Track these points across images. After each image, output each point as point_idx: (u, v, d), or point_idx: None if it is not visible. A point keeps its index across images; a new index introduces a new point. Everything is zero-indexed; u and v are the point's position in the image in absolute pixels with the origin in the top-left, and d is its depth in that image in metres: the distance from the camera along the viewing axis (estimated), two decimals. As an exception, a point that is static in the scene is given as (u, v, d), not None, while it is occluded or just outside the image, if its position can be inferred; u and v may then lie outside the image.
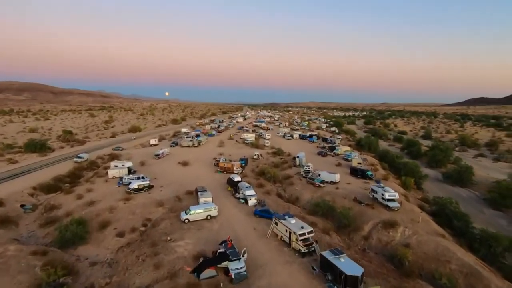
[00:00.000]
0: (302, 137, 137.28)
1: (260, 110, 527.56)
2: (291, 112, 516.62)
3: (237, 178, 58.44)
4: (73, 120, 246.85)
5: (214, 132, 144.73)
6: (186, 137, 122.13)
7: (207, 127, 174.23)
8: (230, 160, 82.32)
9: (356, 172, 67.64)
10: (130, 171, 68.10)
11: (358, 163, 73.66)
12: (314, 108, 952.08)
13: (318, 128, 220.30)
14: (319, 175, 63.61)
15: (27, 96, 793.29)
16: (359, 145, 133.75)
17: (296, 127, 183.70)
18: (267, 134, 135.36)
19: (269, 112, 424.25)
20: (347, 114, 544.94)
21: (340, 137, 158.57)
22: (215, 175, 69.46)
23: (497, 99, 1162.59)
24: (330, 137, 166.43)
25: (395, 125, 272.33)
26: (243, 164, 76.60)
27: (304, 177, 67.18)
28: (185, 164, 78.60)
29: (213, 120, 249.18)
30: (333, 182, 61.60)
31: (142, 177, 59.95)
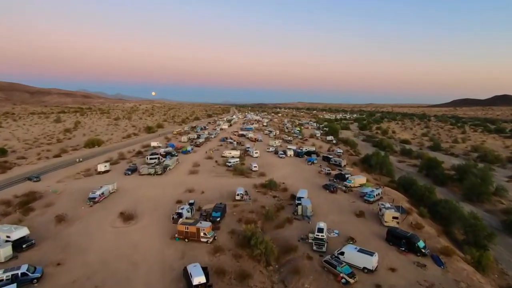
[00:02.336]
0: (297, 154, 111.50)
1: (248, 112, 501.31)
2: (280, 115, 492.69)
3: (198, 278, 31.47)
4: (31, 127, 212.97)
5: (189, 148, 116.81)
6: (151, 158, 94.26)
7: (184, 138, 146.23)
8: (199, 209, 55.47)
9: (397, 240, 41.94)
10: (21, 245, 40.17)
11: (394, 218, 48.16)
12: (302, 109, 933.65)
13: (312, 136, 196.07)
14: (343, 252, 37.71)
15: (1, 96, 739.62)
16: (368, 164, 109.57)
17: (288, 138, 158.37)
18: (254, 151, 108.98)
19: (257, 115, 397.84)
20: (337, 116, 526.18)
21: (341, 150, 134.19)
22: (169, 249, 42.16)
23: (481, 100, 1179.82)
24: (330, 149, 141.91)
25: (394, 132, 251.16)
26: (219, 218, 49.91)
27: (315, 250, 41.13)
28: (128, 218, 50.95)
29: (194, 127, 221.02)
30: (367, 269, 35.83)
31: (16, 278, 32.17)
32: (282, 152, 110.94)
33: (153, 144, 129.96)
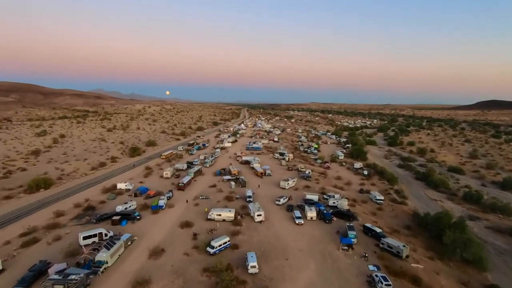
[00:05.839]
0: (322, 216, 73.04)
1: (259, 118, 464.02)
2: (293, 120, 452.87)
3: None
4: (2, 144, 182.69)
5: (162, 201, 79.35)
6: (84, 237, 58.09)
7: (167, 172, 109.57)
8: None
9: None
10: None
11: None
12: (317, 111, 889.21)
13: (333, 159, 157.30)
14: None
15: (15, 98, 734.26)
16: (432, 235, 70.04)
17: (306, 171, 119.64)
18: (257, 213, 71.11)
19: (268, 123, 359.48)
20: (356, 122, 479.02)
21: (382, 197, 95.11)
22: None
23: (511, 102, 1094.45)
24: (362, 189, 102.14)
25: (432, 150, 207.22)
26: None
27: None
28: None
29: (192, 144, 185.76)
30: None
31: None
32: (299, 215, 72.51)
33: (120, 186, 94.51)
